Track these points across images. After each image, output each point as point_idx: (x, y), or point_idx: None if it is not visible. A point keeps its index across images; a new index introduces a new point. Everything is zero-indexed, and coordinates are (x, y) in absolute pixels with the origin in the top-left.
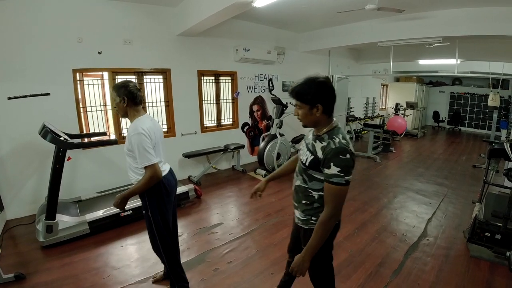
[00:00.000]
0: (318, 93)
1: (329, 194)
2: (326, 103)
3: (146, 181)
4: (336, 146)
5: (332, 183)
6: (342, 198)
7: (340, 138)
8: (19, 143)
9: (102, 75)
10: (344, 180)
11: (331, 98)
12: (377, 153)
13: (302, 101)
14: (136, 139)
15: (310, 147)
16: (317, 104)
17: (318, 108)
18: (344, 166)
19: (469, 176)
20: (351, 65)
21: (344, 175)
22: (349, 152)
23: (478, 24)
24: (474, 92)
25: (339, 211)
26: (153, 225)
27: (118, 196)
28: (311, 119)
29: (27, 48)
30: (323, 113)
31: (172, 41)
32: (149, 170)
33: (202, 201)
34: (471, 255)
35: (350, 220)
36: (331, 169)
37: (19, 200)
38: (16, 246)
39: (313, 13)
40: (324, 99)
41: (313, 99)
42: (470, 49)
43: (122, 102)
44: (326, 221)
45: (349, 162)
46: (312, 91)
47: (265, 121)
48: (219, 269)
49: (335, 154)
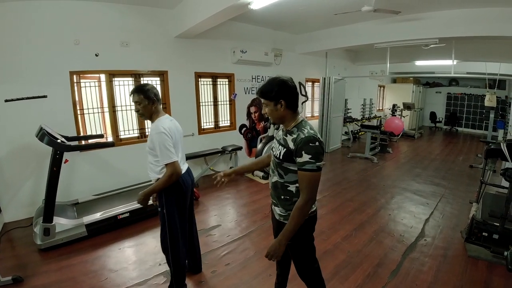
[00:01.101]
0: (280, 90)
1: (303, 181)
2: (288, 98)
3: (167, 178)
4: (305, 135)
5: (305, 170)
6: (316, 183)
7: (308, 129)
8: (16, 145)
9: (99, 77)
10: (316, 166)
11: (292, 94)
12: (375, 154)
13: (266, 99)
14: (158, 138)
15: (281, 142)
16: (280, 99)
17: (281, 103)
18: (315, 153)
19: (466, 176)
20: (348, 66)
21: (315, 161)
22: (317, 140)
23: (474, 25)
24: (471, 93)
25: (314, 196)
26: (167, 224)
27: (141, 194)
28: (278, 115)
29: (24, 50)
30: (287, 108)
31: (169, 43)
32: (170, 167)
33: (199, 203)
34: (469, 255)
35: (348, 221)
36: (303, 157)
37: (16, 203)
38: (14, 249)
39: (310, 15)
40: (286, 95)
41: (276, 96)
42: (467, 50)
43: (150, 104)
44: (303, 206)
45: (319, 149)
46: (274, 89)
47: (262, 123)
48: (217, 271)
49: (305, 143)
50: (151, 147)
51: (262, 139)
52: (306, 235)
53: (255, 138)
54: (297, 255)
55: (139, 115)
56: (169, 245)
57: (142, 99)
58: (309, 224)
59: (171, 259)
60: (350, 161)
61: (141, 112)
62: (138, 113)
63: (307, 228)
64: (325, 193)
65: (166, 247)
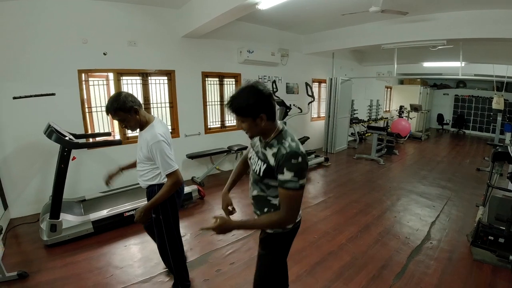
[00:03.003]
0: (257, 102)
1: (283, 200)
2: (268, 110)
3: (169, 188)
4: (287, 150)
5: (286, 189)
6: (298, 203)
7: (289, 141)
8: (24, 142)
9: (107, 75)
10: (299, 184)
11: (270, 104)
12: (381, 156)
13: (243, 115)
14: (157, 147)
15: (260, 156)
16: (260, 114)
17: (262, 117)
18: (298, 170)
19: (473, 179)
20: (355, 67)
21: (298, 179)
22: (300, 154)
23: (482, 26)
24: (478, 95)
25: (293, 217)
26: (164, 229)
27: (141, 210)
28: (258, 130)
29: (33, 49)
30: (267, 120)
31: (176, 42)
32: (172, 176)
33: (205, 202)
34: (474, 259)
35: (353, 223)
36: (285, 174)
37: (23, 199)
38: (20, 245)
39: (317, 15)
40: (265, 107)
41: (254, 110)
42: (474, 51)
43: (134, 115)
44: (275, 221)
45: (303, 165)
46: (250, 102)
47: None
48: (221, 270)
49: (287, 159)
50: (148, 157)
51: None
52: (279, 248)
53: None
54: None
55: (129, 129)
56: (170, 251)
57: (123, 115)
58: (286, 238)
59: (173, 263)
60: (356, 162)
61: (130, 126)
62: (124, 128)
63: (283, 241)
64: (330, 194)
65: (166, 254)
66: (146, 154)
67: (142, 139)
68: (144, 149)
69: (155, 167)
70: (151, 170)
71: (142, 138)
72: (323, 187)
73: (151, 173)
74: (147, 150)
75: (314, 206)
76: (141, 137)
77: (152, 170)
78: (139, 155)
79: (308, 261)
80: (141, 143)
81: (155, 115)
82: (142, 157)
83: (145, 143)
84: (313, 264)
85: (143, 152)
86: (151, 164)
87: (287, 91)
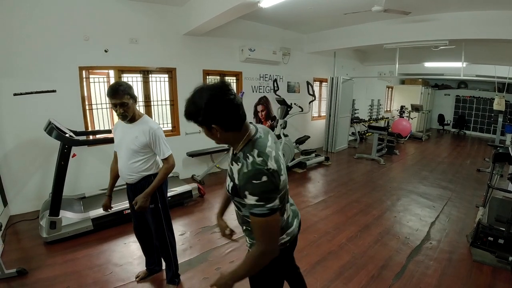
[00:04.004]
0: (207, 112)
1: (255, 228)
2: (221, 120)
3: (168, 170)
4: (248, 169)
5: (254, 215)
6: (273, 229)
7: (255, 156)
8: (24, 139)
9: (108, 73)
10: (267, 209)
11: (227, 113)
12: (381, 156)
13: (196, 123)
14: (159, 133)
15: (229, 172)
16: (211, 124)
17: (215, 128)
18: (261, 193)
19: (473, 180)
20: (357, 66)
21: (264, 203)
22: (265, 173)
23: (484, 27)
24: (480, 96)
25: (272, 246)
26: (163, 218)
27: (142, 196)
28: (220, 140)
29: (34, 45)
30: (225, 131)
31: (178, 40)
32: (170, 158)
33: (205, 200)
34: (474, 260)
35: (353, 222)
36: (247, 198)
37: (23, 196)
38: (19, 242)
39: (319, 14)
40: (217, 117)
41: (204, 120)
42: (476, 52)
43: (134, 103)
44: (258, 257)
45: (267, 187)
46: (200, 110)
47: (269, 122)
48: (221, 268)
49: (247, 180)
50: (146, 144)
51: None
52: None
53: None
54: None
55: (122, 117)
56: (169, 238)
57: (129, 99)
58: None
59: (171, 251)
60: (357, 162)
61: (126, 114)
62: (122, 114)
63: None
64: (331, 193)
65: (165, 243)
66: (144, 142)
67: (136, 130)
68: (142, 137)
69: (149, 156)
70: (146, 160)
71: (137, 129)
72: (324, 186)
73: (146, 163)
74: (148, 137)
75: (314, 205)
76: (133, 129)
77: (147, 160)
78: (130, 147)
79: (308, 260)
80: (135, 133)
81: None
82: (138, 147)
83: (143, 132)
84: (313, 263)
85: (140, 141)
86: (145, 153)
87: (288, 90)
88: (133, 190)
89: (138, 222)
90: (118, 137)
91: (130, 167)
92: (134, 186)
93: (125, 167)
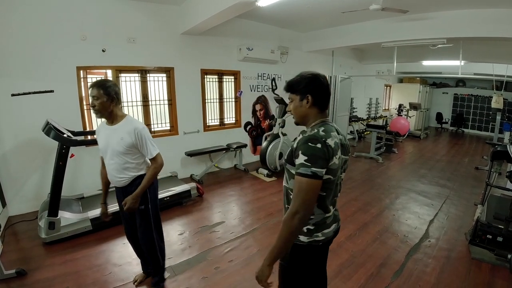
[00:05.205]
0: (308, 84)
1: (295, 187)
2: (316, 94)
3: (156, 169)
4: (308, 134)
5: (298, 174)
6: (309, 193)
7: (320, 130)
8: (22, 139)
9: (105, 73)
10: (311, 171)
11: (321, 91)
12: (380, 154)
13: (293, 92)
14: (145, 133)
15: (293, 142)
16: (307, 94)
17: (308, 99)
18: (311, 155)
19: (472, 178)
20: (355, 65)
21: (311, 165)
22: (321, 141)
23: (482, 25)
24: (478, 94)
25: (304, 210)
26: (152, 219)
27: (132, 198)
28: (301, 112)
29: (31, 45)
30: (313, 105)
31: (175, 39)
32: (159, 157)
33: (204, 200)
34: (473, 257)
35: (352, 221)
36: (299, 158)
37: (21, 197)
38: (18, 242)
39: (317, 13)
40: (314, 91)
41: (303, 89)
42: (474, 50)
43: (109, 102)
44: (288, 218)
45: (318, 152)
46: (303, 82)
47: (267, 121)
48: (220, 267)
49: (304, 142)
50: (132, 145)
51: (267, 137)
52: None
53: (260, 136)
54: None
55: (94, 111)
56: (156, 238)
57: (101, 94)
58: (304, 254)
59: (160, 255)
60: (355, 161)
61: (97, 108)
62: (94, 108)
63: (302, 255)
64: None
65: (153, 244)
66: (130, 143)
67: (120, 131)
68: (127, 138)
69: (138, 156)
70: (135, 160)
71: (121, 130)
72: None
73: (136, 164)
74: (133, 138)
75: None
76: (117, 130)
77: (134, 160)
78: (117, 150)
79: None
80: (120, 135)
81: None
82: (124, 149)
83: (128, 132)
84: None
85: (126, 142)
86: (133, 153)
87: None
88: (125, 193)
89: (128, 225)
90: (102, 141)
91: (119, 169)
92: (125, 188)
93: (114, 170)
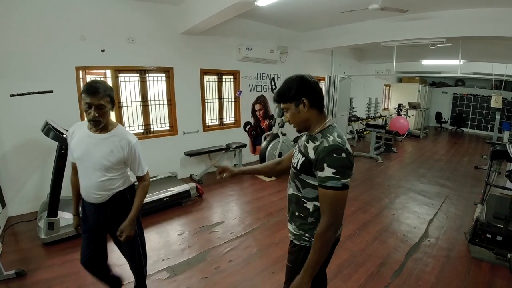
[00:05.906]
0: (299, 88)
1: (325, 201)
2: (310, 95)
3: (146, 188)
4: (329, 144)
5: (326, 188)
6: (341, 205)
7: (335, 136)
8: (21, 140)
9: (105, 73)
10: (341, 183)
11: (314, 90)
12: (379, 154)
13: (286, 101)
14: (138, 147)
15: (302, 149)
16: (301, 98)
17: (304, 102)
18: (339, 167)
19: (471, 177)
20: (354, 65)
21: (340, 177)
22: (344, 151)
23: (482, 25)
24: (477, 93)
25: (338, 221)
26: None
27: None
28: (301, 118)
29: (30, 45)
30: (311, 107)
31: (175, 39)
32: (147, 175)
33: (203, 200)
34: (472, 257)
35: (352, 220)
36: (324, 170)
37: (21, 197)
38: (18, 243)
39: (316, 13)
40: (307, 92)
41: (296, 95)
42: (473, 50)
43: (111, 108)
44: (323, 232)
45: (345, 162)
46: (293, 88)
47: (267, 120)
48: (220, 267)
49: (328, 153)
50: (122, 160)
51: (266, 136)
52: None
53: (260, 135)
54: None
55: (94, 122)
56: (142, 253)
57: (108, 102)
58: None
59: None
60: (355, 160)
61: (100, 120)
62: (95, 120)
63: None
64: None
65: (141, 266)
66: (120, 158)
67: (110, 142)
68: (118, 152)
69: (122, 172)
70: (119, 176)
71: (111, 142)
72: None
73: (120, 179)
74: (126, 152)
75: None
76: (106, 141)
77: (120, 175)
78: (102, 163)
79: None
80: (109, 147)
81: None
82: (112, 164)
83: (121, 146)
84: None
85: (116, 156)
86: (119, 169)
87: None
88: (100, 209)
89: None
90: (80, 149)
91: (99, 185)
92: (103, 205)
93: (93, 186)
